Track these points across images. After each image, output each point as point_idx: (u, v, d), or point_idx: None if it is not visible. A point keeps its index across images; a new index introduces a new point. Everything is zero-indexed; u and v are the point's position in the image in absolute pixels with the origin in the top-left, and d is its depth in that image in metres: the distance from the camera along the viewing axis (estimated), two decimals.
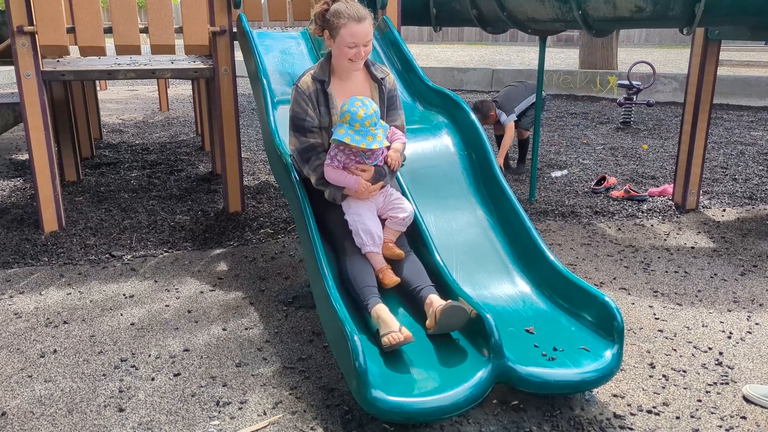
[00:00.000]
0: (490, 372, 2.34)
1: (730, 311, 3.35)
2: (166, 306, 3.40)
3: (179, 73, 4.61)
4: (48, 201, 4.31)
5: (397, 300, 2.80)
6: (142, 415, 2.47)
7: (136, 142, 7.55)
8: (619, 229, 4.59)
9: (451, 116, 3.62)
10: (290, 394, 2.60)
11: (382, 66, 3.03)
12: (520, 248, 3.06)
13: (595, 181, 5.63)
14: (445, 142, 3.52)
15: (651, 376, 2.74)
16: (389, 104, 2.97)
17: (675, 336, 3.09)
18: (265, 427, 2.41)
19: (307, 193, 2.97)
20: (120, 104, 10.76)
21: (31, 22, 4.00)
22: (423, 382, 2.38)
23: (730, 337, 3.08)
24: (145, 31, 4.32)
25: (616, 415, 2.46)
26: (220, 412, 2.49)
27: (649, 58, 12.69)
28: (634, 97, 8.45)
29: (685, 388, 2.65)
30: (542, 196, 5.35)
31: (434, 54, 17.99)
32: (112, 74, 4.37)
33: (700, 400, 2.57)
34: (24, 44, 4.03)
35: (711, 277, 3.78)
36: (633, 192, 5.27)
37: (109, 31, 4.25)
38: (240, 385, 2.67)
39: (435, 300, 2.64)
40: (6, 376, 2.74)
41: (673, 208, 5.04)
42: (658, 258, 4.06)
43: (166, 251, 4.13)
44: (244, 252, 4.12)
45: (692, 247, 4.24)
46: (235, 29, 4.46)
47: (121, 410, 2.50)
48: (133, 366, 2.81)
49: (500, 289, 2.94)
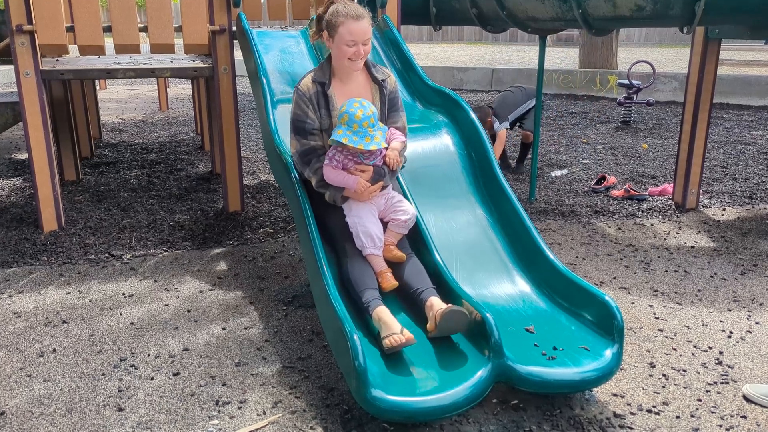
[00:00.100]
0: (490, 371, 2.34)
1: (730, 310, 3.35)
2: (166, 305, 3.39)
3: (179, 72, 4.61)
4: (47, 200, 4.31)
5: (397, 302, 2.79)
6: (142, 415, 2.47)
7: (136, 142, 7.55)
8: (619, 229, 4.59)
9: (451, 115, 3.62)
10: (290, 394, 2.59)
11: (383, 67, 3.02)
12: (520, 247, 3.06)
13: (595, 181, 5.62)
14: (444, 142, 3.52)
15: (651, 376, 2.74)
16: (390, 106, 2.96)
17: (675, 335, 3.09)
18: (265, 426, 2.40)
19: (308, 193, 2.97)
20: (119, 103, 10.75)
21: (30, 21, 4.00)
22: (423, 382, 2.37)
23: (730, 337, 3.08)
24: (145, 30, 4.31)
25: (616, 415, 2.46)
26: (219, 412, 2.49)
27: (649, 58, 12.68)
28: (634, 97, 8.45)
29: (685, 388, 2.65)
30: (542, 196, 5.34)
31: (434, 53, 17.99)
32: (111, 73, 4.37)
33: (700, 400, 2.57)
34: (23, 43, 4.02)
35: (711, 277, 3.77)
36: (633, 191, 5.27)
37: (108, 30, 4.25)
38: (239, 384, 2.67)
39: (436, 303, 2.62)
40: (5, 376, 2.73)
41: (673, 207, 5.04)
42: (658, 257, 4.06)
43: (165, 251, 4.13)
44: (243, 251, 4.12)
45: (692, 247, 4.24)
46: (234, 28, 4.46)
47: (121, 410, 2.50)
48: (133, 365, 2.81)
49: (500, 288, 2.94)
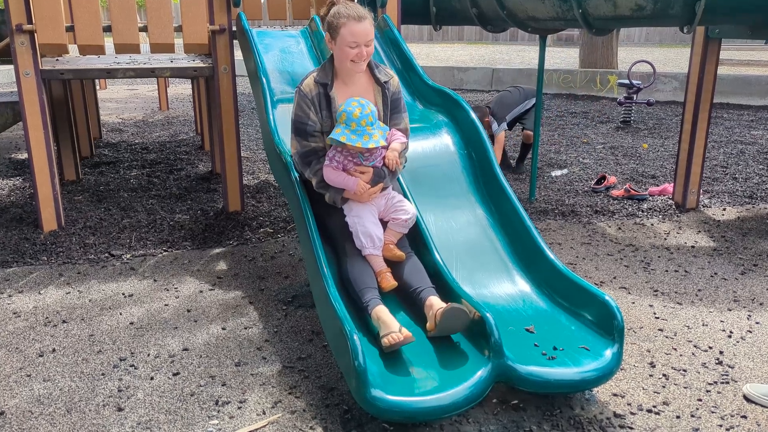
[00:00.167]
0: (490, 371, 2.33)
1: (731, 310, 3.35)
2: (166, 305, 3.39)
3: (179, 72, 4.61)
4: (47, 200, 4.31)
5: (397, 301, 2.79)
6: (141, 415, 2.47)
7: (136, 142, 7.54)
8: (619, 229, 4.58)
9: (451, 115, 3.62)
10: (289, 394, 2.59)
11: (385, 68, 2.99)
12: (520, 247, 3.05)
13: (596, 180, 5.62)
14: (445, 141, 3.52)
15: (651, 376, 2.73)
16: (393, 107, 2.94)
17: (675, 335, 3.08)
18: (264, 426, 2.40)
19: (307, 193, 2.96)
20: (119, 103, 10.75)
21: (30, 21, 3.99)
22: (422, 382, 2.37)
23: (730, 336, 3.07)
24: (145, 29, 4.31)
25: (616, 415, 2.46)
26: (219, 412, 2.49)
27: (650, 57, 12.68)
28: (635, 96, 8.44)
29: (685, 388, 2.65)
30: (542, 195, 5.34)
31: (434, 53, 17.99)
32: (111, 73, 4.37)
33: (700, 400, 2.57)
34: (23, 43, 4.02)
35: (711, 276, 3.77)
36: (633, 191, 5.27)
37: (108, 29, 4.25)
38: (239, 384, 2.67)
39: (435, 302, 2.62)
40: (5, 376, 2.73)
41: (674, 207, 5.03)
42: (659, 257, 4.06)
43: (165, 250, 4.13)
44: (243, 251, 4.12)
45: (692, 246, 4.24)
46: (234, 28, 4.46)
47: (120, 409, 2.49)
48: (132, 365, 2.81)
49: (500, 288, 2.94)
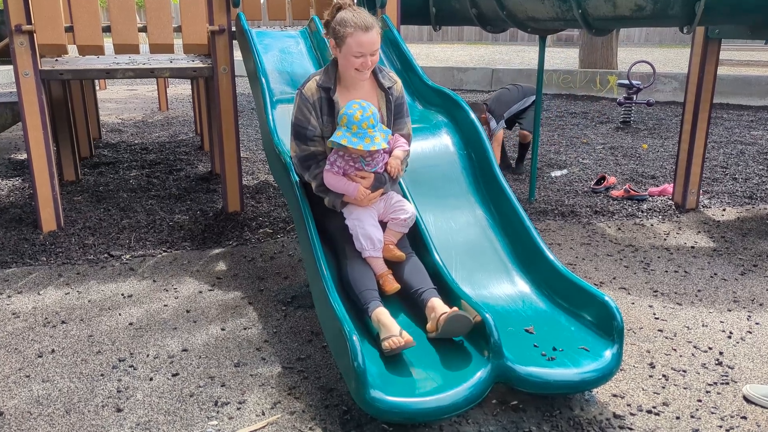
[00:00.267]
0: (490, 372, 2.33)
1: (730, 311, 3.34)
2: (165, 306, 3.39)
3: (178, 73, 4.61)
4: (46, 200, 4.31)
5: (397, 302, 2.78)
6: (140, 416, 2.46)
7: (135, 142, 7.54)
8: (619, 229, 4.58)
9: (451, 115, 3.62)
10: (289, 394, 2.59)
11: (389, 72, 2.93)
12: (519, 248, 3.05)
13: (595, 181, 5.62)
14: (444, 142, 3.52)
15: (651, 376, 2.73)
16: (396, 112, 2.91)
17: (675, 336, 3.08)
18: (264, 427, 2.40)
19: (307, 194, 2.95)
20: (119, 104, 10.75)
21: (29, 21, 3.99)
22: (422, 382, 2.37)
23: (730, 337, 3.07)
24: (144, 30, 4.31)
25: (615, 415, 2.46)
26: (218, 412, 2.48)
27: (649, 58, 12.68)
28: (634, 97, 8.45)
29: (685, 388, 2.65)
30: (542, 196, 5.34)
31: (434, 53, 17.99)
32: (110, 73, 4.37)
33: (700, 400, 2.57)
34: (22, 43, 4.02)
35: (711, 277, 3.77)
36: (633, 191, 5.26)
37: (107, 30, 4.25)
38: (238, 385, 2.66)
39: (437, 304, 2.61)
40: (4, 376, 2.73)
41: (673, 207, 5.03)
42: (658, 258, 4.06)
43: (164, 251, 4.12)
44: (242, 252, 4.11)
45: (692, 247, 4.23)
46: (234, 28, 4.46)
47: (119, 410, 2.49)
48: (132, 366, 2.80)
49: (500, 288, 2.93)
